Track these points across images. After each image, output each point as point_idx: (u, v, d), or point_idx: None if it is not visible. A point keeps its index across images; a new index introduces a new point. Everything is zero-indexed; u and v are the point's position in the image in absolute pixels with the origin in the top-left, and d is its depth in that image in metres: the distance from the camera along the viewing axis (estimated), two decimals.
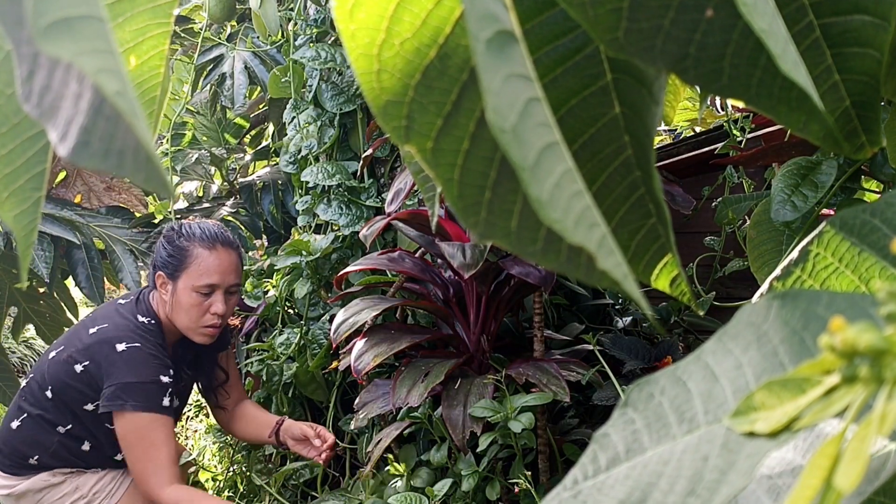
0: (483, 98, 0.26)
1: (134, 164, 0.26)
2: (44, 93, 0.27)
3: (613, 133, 0.41)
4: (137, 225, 2.51)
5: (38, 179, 0.39)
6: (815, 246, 0.43)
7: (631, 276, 0.30)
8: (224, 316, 1.71)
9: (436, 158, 0.36)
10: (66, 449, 1.70)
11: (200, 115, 2.63)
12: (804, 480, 0.22)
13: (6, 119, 0.38)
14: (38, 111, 0.27)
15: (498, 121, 0.25)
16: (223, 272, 1.68)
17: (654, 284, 0.46)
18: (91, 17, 0.25)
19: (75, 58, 0.24)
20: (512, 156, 0.26)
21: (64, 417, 1.67)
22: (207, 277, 1.66)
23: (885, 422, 0.21)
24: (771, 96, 0.39)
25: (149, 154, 0.26)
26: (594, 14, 0.36)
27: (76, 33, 0.25)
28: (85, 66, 0.24)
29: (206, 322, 1.69)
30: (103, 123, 0.26)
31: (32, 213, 0.38)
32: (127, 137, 0.26)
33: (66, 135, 0.26)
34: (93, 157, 0.26)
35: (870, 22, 0.41)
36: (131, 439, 1.61)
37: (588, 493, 0.30)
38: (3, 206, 0.37)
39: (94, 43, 0.25)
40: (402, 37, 0.35)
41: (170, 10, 0.45)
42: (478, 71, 0.26)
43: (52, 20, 0.25)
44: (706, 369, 0.32)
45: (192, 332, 1.71)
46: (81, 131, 0.26)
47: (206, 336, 1.71)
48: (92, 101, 0.26)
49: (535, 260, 0.37)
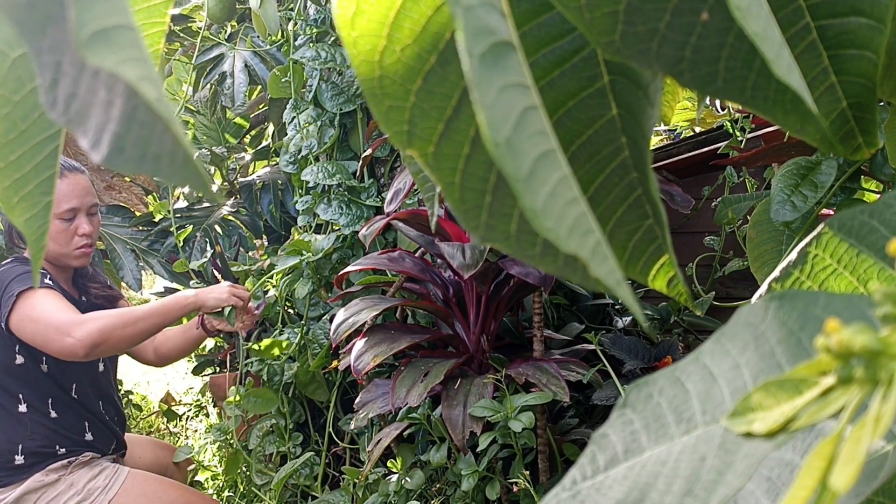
0: (476, 114, 0.26)
1: (171, 167, 0.27)
2: (70, 100, 0.28)
3: (610, 135, 0.42)
4: (138, 224, 2.51)
5: (47, 184, 0.39)
6: (813, 247, 0.43)
7: (624, 282, 0.30)
8: (92, 235, 1.81)
9: (437, 163, 0.37)
10: (39, 425, 1.71)
11: (200, 114, 2.63)
12: (800, 481, 0.22)
13: (14, 125, 0.38)
14: (66, 118, 0.28)
15: (492, 135, 0.26)
16: (80, 195, 1.78)
17: (652, 285, 0.46)
18: (125, 27, 0.26)
19: (117, 67, 0.25)
20: (506, 168, 0.26)
21: (14, 389, 1.71)
22: (67, 203, 1.75)
23: (880, 423, 0.22)
24: (766, 99, 0.39)
25: (187, 156, 0.26)
26: (590, 17, 0.36)
27: (114, 43, 0.25)
28: (127, 75, 0.25)
29: (77, 244, 1.79)
30: (137, 129, 0.27)
31: (43, 217, 0.39)
32: (162, 142, 0.26)
33: (98, 141, 0.27)
34: (128, 162, 0.27)
35: (866, 24, 0.41)
36: (26, 311, 1.64)
37: (587, 494, 0.31)
38: (13, 211, 0.38)
39: (130, 52, 0.25)
40: (403, 43, 0.36)
41: (165, 9, 0.46)
42: (470, 87, 0.26)
43: (93, 31, 0.25)
44: (704, 370, 0.33)
45: (67, 257, 1.80)
46: (115, 138, 0.27)
47: (81, 258, 1.81)
48: (124, 108, 0.26)
49: (533, 263, 0.37)
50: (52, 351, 1.63)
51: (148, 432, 3.23)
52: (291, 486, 1.96)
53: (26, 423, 1.71)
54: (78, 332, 1.58)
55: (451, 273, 1.57)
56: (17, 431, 1.70)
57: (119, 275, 2.38)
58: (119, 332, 1.63)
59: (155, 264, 2.44)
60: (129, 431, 2.17)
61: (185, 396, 3.24)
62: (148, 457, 2.03)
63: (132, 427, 3.13)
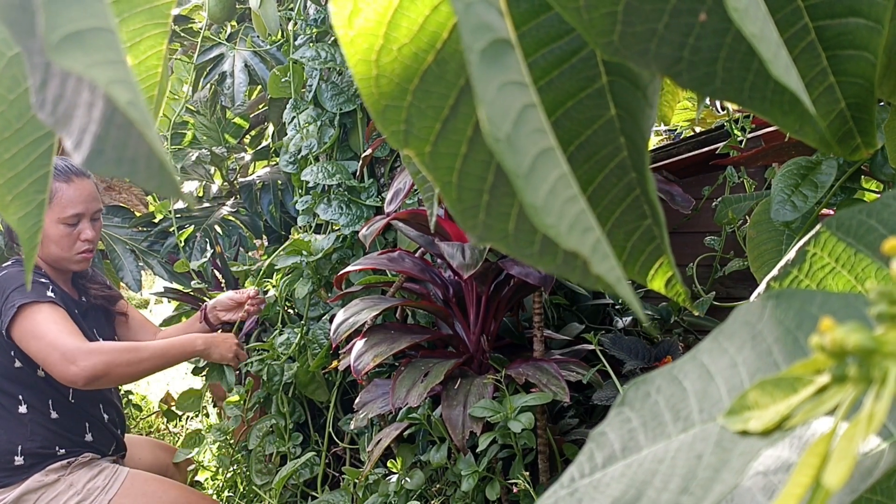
0: (477, 109, 0.26)
1: (146, 170, 0.27)
2: (57, 101, 0.28)
3: (609, 135, 0.42)
4: (137, 224, 2.51)
5: (41, 183, 0.39)
6: (811, 246, 0.43)
7: (625, 279, 0.30)
8: (94, 240, 1.81)
9: (434, 162, 0.37)
10: (40, 426, 1.71)
11: (200, 114, 2.63)
12: (795, 478, 0.23)
13: (9, 124, 0.38)
14: (53, 119, 0.28)
15: (492, 130, 0.26)
16: (86, 200, 1.78)
17: (650, 285, 0.46)
18: (101, 29, 0.26)
19: (87, 70, 0.25)
20: (506, 164, 0.26)
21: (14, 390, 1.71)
22: (73, 208, 1.75)
23: (873, 421, 0.22)
24: (764, 100, 0.39)
25: (161, 161, 0.26)
26: (589, 18, 0.36)
27: (87, 46, 0.26)
28: (97, 78, 0.25)
29: (79, 249, 1.79)
30: (115, 132, 0.27)
31: (36, 215, 0.39)
32: (139, 145, 0.27)
33: (80, 143, 0.27)
34: (106, 164, 0.27)
35: (864, 25, 0.41)
36: (29, 328, 1.64)
37: (584, 491, 0.31)
38: (7, 209, 0.38)
39: (105, 54, 0.26)
40: (400, 42, 0.36)
41: (167, 10, 0.46)
42: (472, 82, 0.26)
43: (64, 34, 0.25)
44: (702, 368, 0.33)
45: (67, 261, 1.80)
46: (95, 139, 0.27)
47: (81, 262, 1.81)
48: (104, 111, 0.27)
49: (532, 262, 0.37)
50: (51, 372, 1.63)
51: (148, 432, 3.23)
52: (291, 486, 1.96)
53: (26, 424, 1.71)
54: (83, 362, 1.58)
55: (451, 273, 1.57)
56: (17, 432, 1.70)
57: (119, 275, 2.38)
58: (122, 370, 1.64)
59: (155, 265, 2.44)
60: (129, 432, 2.17)
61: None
62: (148, 458, 2.04)
63: (132, 427, 3.13)
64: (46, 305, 1.66)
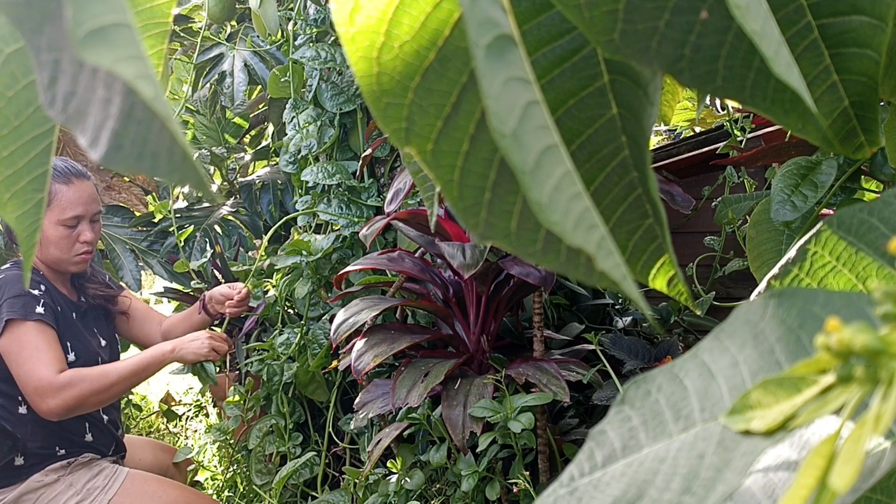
0: (483, 103, 0.26)
1: (169, 164, 0.27)
2: (69, 98, 0.28)
3: (611, 134, 0.42)
4: (137, 224, 2.51)
5: (39, 181, 0.39)
6: (812, 245, 0.43)
7: (630, 276, 0.30)
8: (93, 242, 1.81)
9: (436, 160, 0.36)
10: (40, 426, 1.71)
11: (200, 114, 2.63)
12: (799, 479, 0.22)
13: (7, 122, 0.38)
14: (64, 116, 0.28)
15: (498, 125, 0.26)
16: (86, 202, 1.78)
17: (652, 284, 0.46)
18: (123, 25, 0.26)
19: (114, 65, 0.25)
20: (512, 160, 0.26)
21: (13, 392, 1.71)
22: (72, 210, 1.75)
23: (880, 422, 0.22)
24: (765, 98, 0.39)
25: (185, 154, 0.26)
26: (590, 16, 0.36)
27: (112, 41, 0.25)
28: (124, 73, 0.25)
29: (78, 251, 1.79)
30: (135, 127, 0.26)
31: (34, 214, 0.39)
32: (160, 139, 0.26)
33: (96, 139, 0.27)
34: (126, 159, 0.27)
35: (867, 23, 0.41)
36: (13, 349, 1.64)
37: (584, 490, 0.31)
38: (5, 207, 0.38)
39: (128, 50, 0.25)
40: (402, 40, 0.36)
41: (168, 9, 0.46)
42: (478, 76, 0.26)
43: (89, 29, 0.25)
44: (703, 367, 0.32)
45: (66, 263, 1.80)
46: (113, 135, 0.27)
47: (80, 264, 1.81)
48: (122, 106, 0.26)
49: (534, 261, 0.37)
50: (27, 391, 1.64)
51: (148, 432, 3.23)
52: (291, 486, 1.96)
53: (26, 425, 1.70)
54: (52, 401, 1.60)
55: (451, 273, 1.57)
56: (17, 433, 1.70)
57: (119, 275, 2.38)
58: (95, 398, 1.66)
59: (154, 264, 2.44)
60: (129, 432, 2.17)
61: (185, 396, 3.23)
62: (147, 458, 2.03)
63: (132, 427, 3.13)
64: (32, 325, 1.66)
